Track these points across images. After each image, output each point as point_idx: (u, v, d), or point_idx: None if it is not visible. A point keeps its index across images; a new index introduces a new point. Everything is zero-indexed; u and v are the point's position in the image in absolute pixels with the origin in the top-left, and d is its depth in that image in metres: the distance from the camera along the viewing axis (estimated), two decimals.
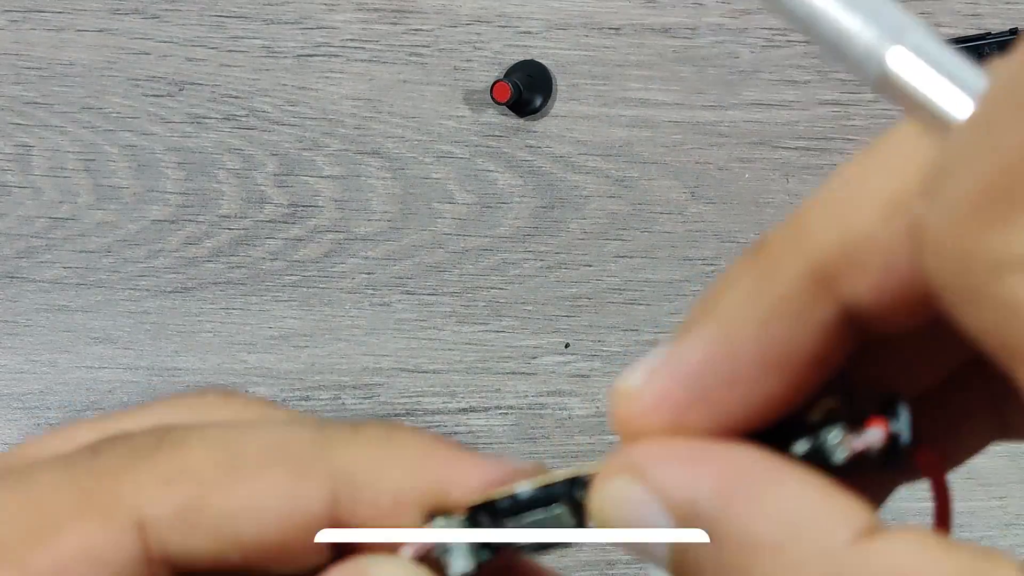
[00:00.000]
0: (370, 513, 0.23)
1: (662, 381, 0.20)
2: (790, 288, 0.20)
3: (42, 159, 0.52)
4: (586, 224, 0.53)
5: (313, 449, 0.24)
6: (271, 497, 0.23)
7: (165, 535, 0.23)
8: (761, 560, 0.19)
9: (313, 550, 0.24)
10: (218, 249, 0.52)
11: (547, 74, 0.54)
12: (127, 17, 0.54)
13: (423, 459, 0.23)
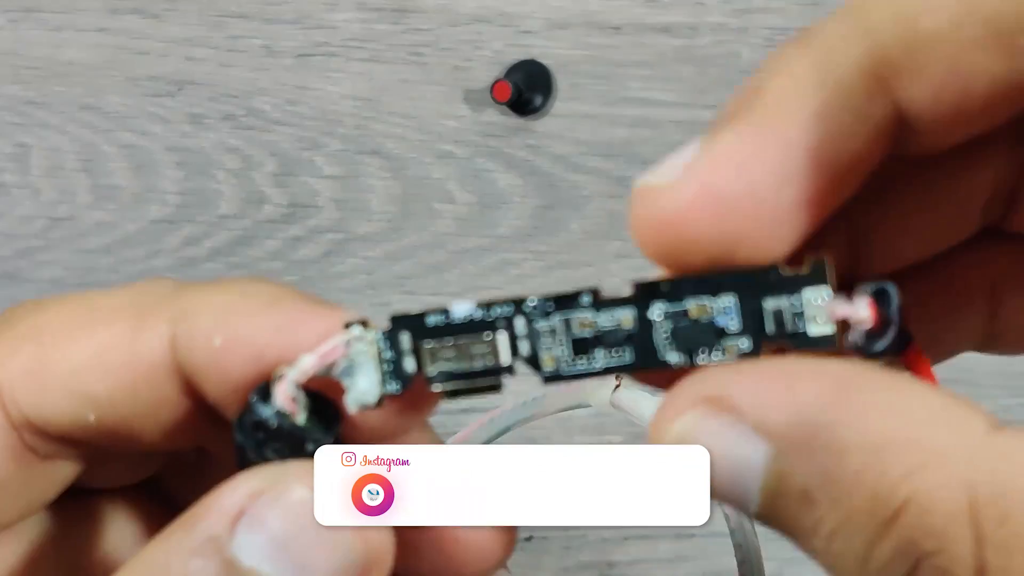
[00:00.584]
0: (204, 356, 0.22)
1: (705, 170, 0.18)
2: (850, 79, 0.18)
3: (41, 159, 0.52)
4: (586, 224, 0.52)
5: (161, 299, 0.22)
6: (110, 347, 0.22)
7: (18, 398, 0.22)
8: (898, 458, 0.17)
9: (167, 405, 0.22)
10: (217, 249, 0.52)
11: (547, 73, 0.53)
12: (126, 17, 0.54)
13: (267, 304, 0.22)
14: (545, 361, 0.20)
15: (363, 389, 0.21)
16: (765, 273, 0.19)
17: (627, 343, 0.20)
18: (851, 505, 0.17)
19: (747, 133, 0.18)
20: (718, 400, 0.18)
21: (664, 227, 0.18)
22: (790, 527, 0.18)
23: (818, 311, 0.19)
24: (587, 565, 0.49)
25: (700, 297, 0.20)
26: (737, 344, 0.20)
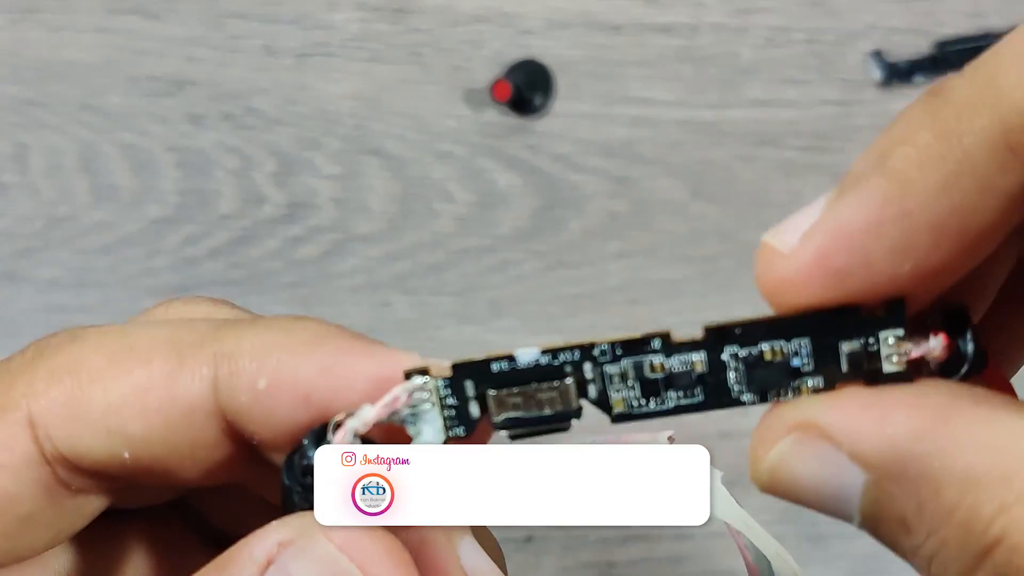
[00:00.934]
0: (249, 399, 0.21)
1: (821, 241, 0.18)
2: (977, 150, 0.17)
3: (40, 159, 0.52)
4: (586, 224, 0.52)
5: (202, 338, 0.22)
6: (149, 387, 0.22)
7: (53, 432, 0.22)
8: (991, 493, 0.17)
9: (205, 446, 0.22)
10: (217, 249, 0.52)
11: (547, 73, 0.53)
12: (126, 17, 0.54)
13: (312, 344, 0.21)
14: (615, 403, 0.20)
15: (428, 438, 0.21)
16: (843, 314, 0.19)
17: (698, 384, 0.20)
18: (946, 536, 0.17)
19: (866, 205, 0.18)
20: (810, 427, 0.19)
21: (781, 288, 0.19)
22: (891, 545, 0.19)
23: (894, 351, 0.19)
24: (587, 565, 0.49)
25: (774, 339, 0.20)
26: (809, 383, 0.20)
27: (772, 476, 0.20)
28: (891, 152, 0.18)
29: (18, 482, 0.23)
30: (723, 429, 0.50)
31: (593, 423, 0.21)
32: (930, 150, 0.18)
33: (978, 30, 0.54)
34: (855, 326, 0.19)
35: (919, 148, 0.18)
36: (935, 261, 0.18)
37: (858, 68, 0.54)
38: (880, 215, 0.18)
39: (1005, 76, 0.17)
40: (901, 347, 0.19)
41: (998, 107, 0.17)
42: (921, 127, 0.18)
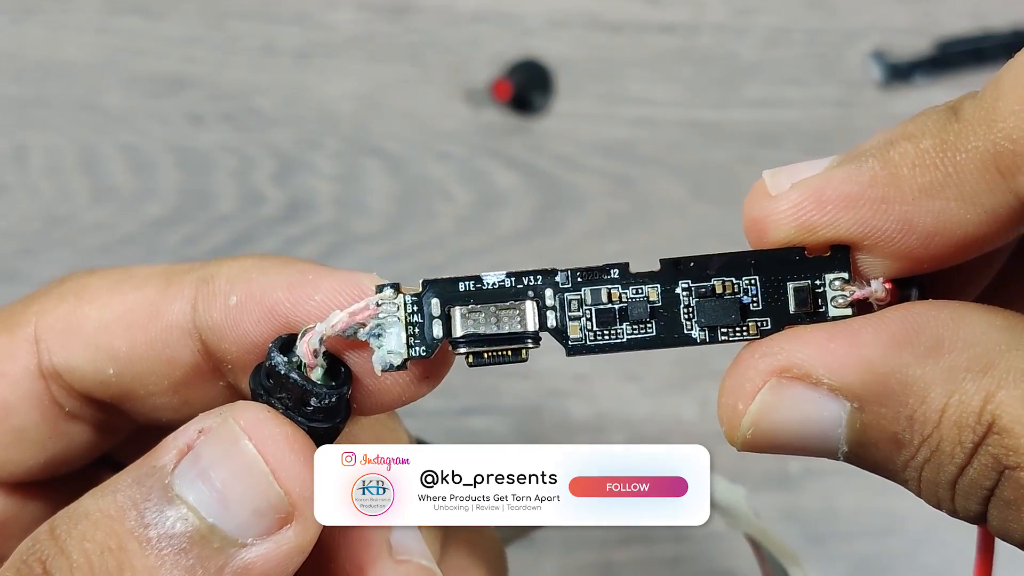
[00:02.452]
0: (221, 315, 0.23)
1: (803, 196, 0.20)
2: (967, 166, 0.19)
3: (40, 159, 0.52)
4: (586, 224, 0.52)
5: (191, 267, 0.24)
6: (136, 307, 0.24)
7: (51, 346, 0.24)
8: (976, 385, 0.18)
9: (182, 366, 0.24)
10: (216, 249, 0.52)
11: (547, 73, 0.53)
12: (125, 16, 0.54)
13: (281, 266, 0.23)
14: (571, 330, 0.21)
15: (389, 350, 0.21)
16: (790, 253, 0.21)
17: (652, 318, 0.21)
18: (939, 437, 0.19)
19: (854, 181, 0.20)
20: (787, 369, 0.19)
21: (758, 220, 0.21)
22: (879, 467, 0.20)
23: (839, 292, 0.20)
24: (587, 565, 0.49)
25: (726, 275, 0.21)
26: (760, 324, 0.21)
27: (755, 430, 0.20)
28: (896, 144, 0.19)
29: (15, 392, 0.25)
30: None
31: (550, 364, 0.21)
32: (927, 155, 0.19)
33: (978, 30, 0.54)
34: (802, 266, 0.21)
35: (919, 150, 0.19)
36: (899, 248, 0.20)
37: (858, 68, 0.54)
38: (861, 193, 0.20)
39: (1003, 102, 0.19)
40: (845, 289, 0.20)
41: (991, 132, 0.19)
42: (928, 132, 0.19)
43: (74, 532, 0.20)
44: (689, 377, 0.50)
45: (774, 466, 0.49)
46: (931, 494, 0.20)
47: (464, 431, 0.51)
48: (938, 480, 0.19)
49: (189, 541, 0.20)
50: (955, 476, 0.19)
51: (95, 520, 0.20)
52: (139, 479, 0.21)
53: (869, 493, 0.49)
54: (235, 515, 0.20)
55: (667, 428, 0.50)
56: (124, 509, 0.20)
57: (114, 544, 0.20)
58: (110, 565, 0.20)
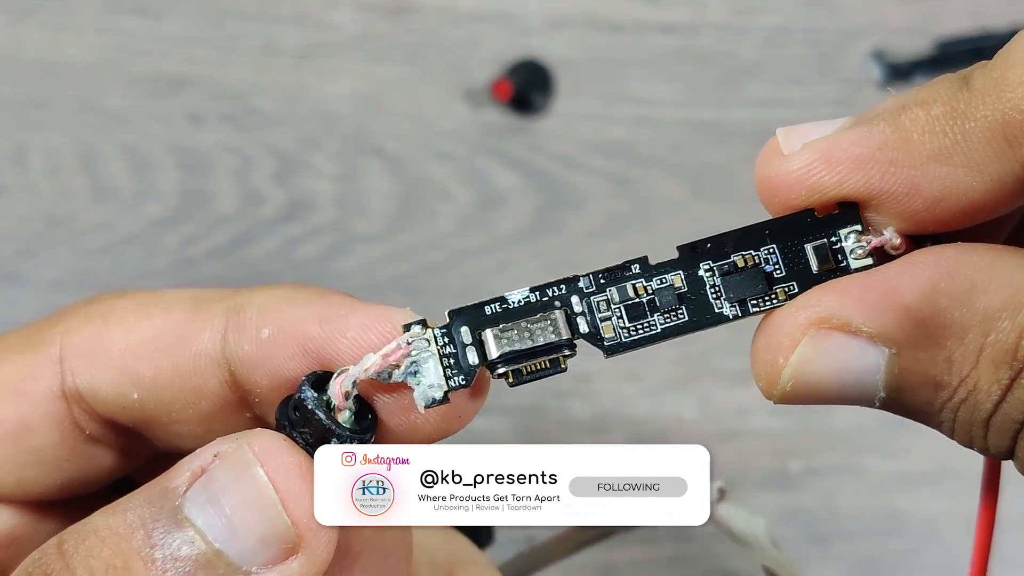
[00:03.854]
0: (252, 347, 0.23)
1: (813, 156, 0.21)
2: (976, 134, 0.19)
3: (40, 159, 0.52)
4: (586, 224, 0.52)
5: (220, 295, 0.24)
6: (164, 332, 0.24)
7: (76, 368, 0.24)
8: (1011, 322, 0.19)
9: (207, 396, 0.24)
10: (216, 249, 0.52)
11: (547, 73, 0.53)
12: (125, 16, 0.54)
13: (313, 299, 0.23)
14: (604, 330, 0.21)
15: (429, 385, 0.21)
16: (801, 217, 0.21)
17: (681, 304, 0.21)
18: (977, 376, 0.19)
19: (864, 143, 0.20)
20: (826, 320, 0.20)
21: (769, 178, 0.21)
22: (916, 411, 0.20)
23: (856, 244, 0.21)
24: (587, 565, 0.49)
25: (744, 249, 0.21)
26: (787, 288, 0.21)
27: (796, 382, 0.20)
28: (908, 109, 0.20)
29: (35, 412, 0.24)
30: (723, 429, 0.50)
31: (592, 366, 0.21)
32: (937, 122, 0.20)
33: (978, 30, 0.54)
34: (815, 227, 0.21)
35: (929, 116, 0.20)
36: (905, 210, 0.20)
37: (858, 68, 0.54)
38: (870, 156, 0.20)
39: (1012, 73, 0.19)
40: (862, 239, 0.21)
41: (1000, 101, 0.19)
42: (939, 99, 0.20)
43: (81, 548, 0.20)
44: (689, 377, 0.50)
45: (774, 466, 0.49)
46: (964, 433, 0.20)
47: (464, 431, 0.51)
48: (973, 419, 0.19)
49: (194, 565, 0.20)
50: (990, 413, 0.19)
51: (103, 537, 0.20)
52: (151, 499, 0.21)
53: (869, 493, 0.49)
54: (242, 542, 0.20)
55: (667, 428, 0.50)
56: (133, 528, 0.20)
57: (119, 563, 0.20)
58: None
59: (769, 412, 0.50)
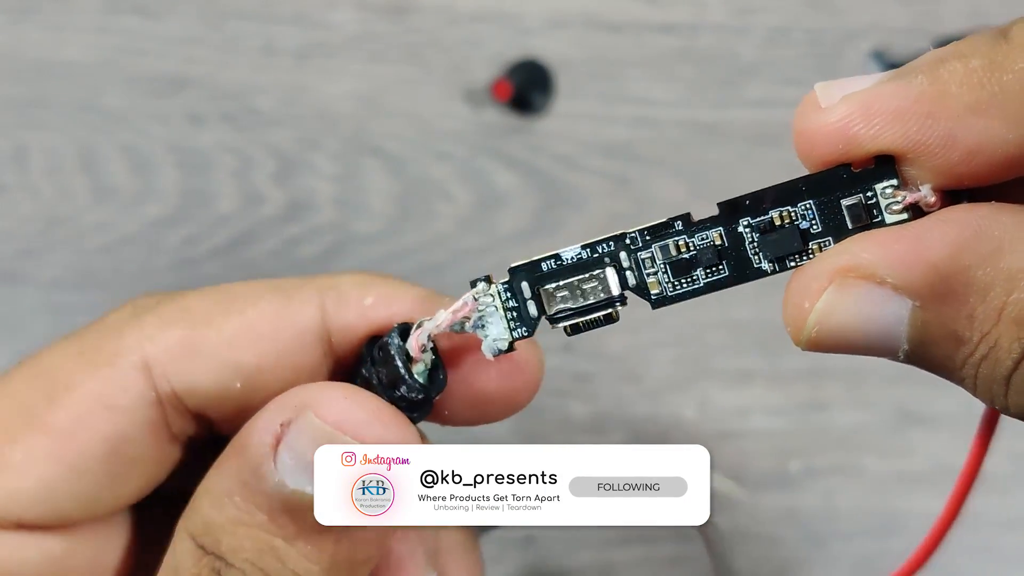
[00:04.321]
0: (356, 313, 0.25)
1: (852, 109, 0.21)
2: (1013, 86, 0.20)
3: (40, 159, 0.52)
4: (586, 224, 0.52)
5: (301, 281, 0.26)
6: (260, 320, 0.25)
7: (169, 371, 0.25)
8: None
9: (309, 369, 0.25)
10: (216, 249, 0.52)
11: (547, 73, 0.53)
12: (125, 16, 0.54)
13: (401, 282, 0.25)
14: (651, 285, 0.23)
15: (495, 338, 0.23)
16: (837, 172, 0.21)
17: (722, 260, 0.22)
18: (998, 334, 0.19)
19: (903, 95, 0.20)
20: (853, 269, 0.20)
21: (807, 134, 0.21)
22: (938, 365, 0.20)
23: (891, 199, 0.21)
24: (587, 565, 0.49)
25: (781, 205, 0.22)
26: (822, 244, 0.22)
27: (820, 328, 0.21)
28: (946, 61, 0.20)
29: (132, 423, 0.25)
30: (723, 429, 0.50)
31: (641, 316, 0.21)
32: (975, 74, 0.20)
33: (978, 30, 0.54)
34: (852, 182, 0.21)
35: (968, 69, 0.20)
36: (941, 163, 0.20)
37: (858, 68, 0.54)
38: (908, 108, 0.20)
39: None
40: (897, 195, 0.21)
41: None
42: (978, 52, 0.20)
43: (222, 546, 0.22)
44: (689, 377, 0.50)
45: (774, 466, 0.49)
46: (986, 390, 0.20)
47: (464, 431, 0.51)
48: (994, 376, 0.20)
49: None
50: (1011, 371, 0.20)
51: (233, 531, 0.22)
52: (246, 482, 0.22)
53: (869, 493, 0.49)
54: None
55: (667, 428, 0.50)
56: (252, 514, 0.22)
57: (265, 547, 0.21)
58: (273, 565, 0.22)
59: (769, 412, 0.50)
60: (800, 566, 0.49)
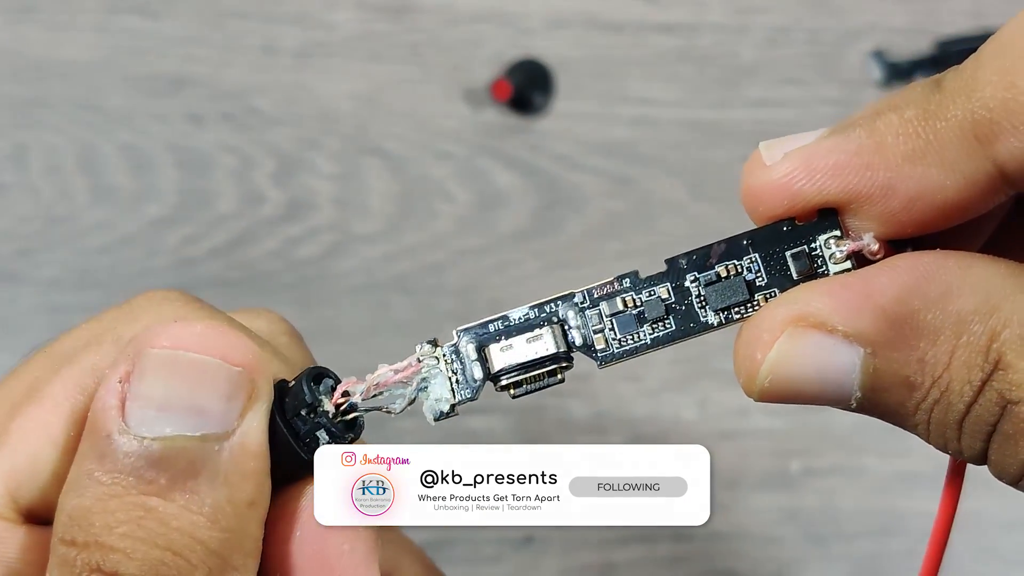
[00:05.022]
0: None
1: (793, 166, 0.21)
2: (947, 134, 0.20)
3: (39, 158, 0.52)
4: (586, 224, 0.52)
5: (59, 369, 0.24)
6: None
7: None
8: (983, 327, 0.19)
9: None
10: (216, 249, 0.52)
11: (547, 73, 0.53)
12: (125, 16, 0.54)
13: None
14: (597, 342, 0.22)
15: (436, 399, 0.23)
16: (781, 226, 0.22)
17: (668, 314, 0.22)
18: (949, 378, 0.20)
19: (841, 149, 0.21)
20: (803, 318, 0.20)
21: (752, 190, 0.22)
22: (891, 412, 0.21)
23: (834, 249, 0.22)
24: (587, 565, 0.49)
25: (727, 260, 0.22)
26: (768, 295, 0.22)
27: (773, 378, 0.21)
28: (882, 114, 0.21)
29: None
30: (723, 429, 0.50)
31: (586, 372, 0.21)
32: (910, 124, 0.20)
33: (978, 30, 0.54)
34: (795, 234, 0.22)
35: (902, 119, 0.20)
36: (883, 211, 0.21)
37: (858, 68, 0.54)
38: (847, 161, 0.21)
39: (982, 72, 0.20)
40: (840, 244, 0.22)
41: (970, 101, 0.20)
42: (912, 102, 0.20)
43: (95, 528, 0.20)
44: (689, 377, 0.50)
45: (774, 466, 0.49)
46: (939, 435, 0.20)
47: (464, 431, 0.51)
48: (946, 420, 0.20)
49: (195, 462, 0.21)
50: (963, 415, 0.20)
51: (103, 508, 0.21)
52: (103, 454, 0.21)
53: (869, 493, 0.49)
54: (212, 415, 0.21)
55: (667, 428, 0.50)
56: (119, 483, 0.21)
57: (141, 512, 0.20)
58: (154, 527, 0.20)
59: (769, 412, 0.50)
60: (800, 566, 0.49)
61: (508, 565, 0.48)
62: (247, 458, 0.21)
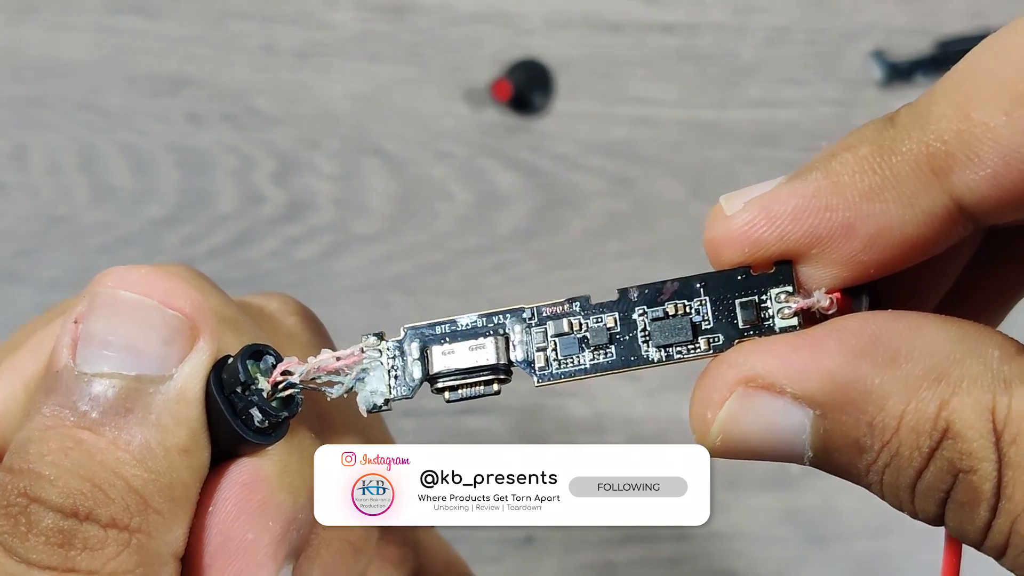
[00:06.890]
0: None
1: (754, 214, 0.21)
2: (903, 168, 0.20)
3: (39, 158, 0.52)
4: (586, 224, 0.52)
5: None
6: None
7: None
8: (932, 393, 0.19)
9: None
10: (216, 249, 0.52)
11: (547, 73, 0.53)
12: (125, 16, 0.54)
13: None
14: (537, 360, 0.23)
15: (371, 391, 0.22)
16: (736, 273, 0.22)
17: (611, 343, 0.23)
18: (898, 443, 0.19)
19: (800, 194, 0.21)
20: (752, 379, 0.20)
21: (715, 241, 0.22)
22: (844, 471, 0.21)
23: (783, 304, 0.22)
24: (587, 565, 0.49)
25: (678, 298, 0.22)
26: (711, 340, 0.22)
27: (724, 437, 0.21)
28: (837, 155, 0.21)
29: None
30: None
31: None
32: (865, 161, 0.20)
33: (978, 30, 0.54)
34: (748, 284, 0.22)
35: (857, 157, 0.20)
36: (844, 253, 0.21)
37: (858, 68, 0.54)
38: (806, 204, 0.21)
39: (935, 106, 0.20)
40: (789, 300, 0.22)
41: (924, 134, 0.20)
42: (866, 140, 0.20)
43: (29, 456, 0.21)
44: (689, 377, 0.50)
45: (774, 466, 0.49)
46: (893, 496, 0.20)
47: (464, 431, 0.51)
48: (898, 483, 0.20)
49: (127, 400, 0.21)
50: (914, 480, 0.20)
51: (40, 437, 0.21)
52: (51, 388, 0.21)
53: (869, 493, 0.49)
54: (149, 355, 0.21)
55: (666, 428, 0.50)
56: (58, 415, 0.21)
57: (71, 443, 0.21)
58: (79, 458, 0.21)
59: None
60: (800, 566, 0.49)
61: (508, 565, 0.48)
62: (182, 405, 0.21)
